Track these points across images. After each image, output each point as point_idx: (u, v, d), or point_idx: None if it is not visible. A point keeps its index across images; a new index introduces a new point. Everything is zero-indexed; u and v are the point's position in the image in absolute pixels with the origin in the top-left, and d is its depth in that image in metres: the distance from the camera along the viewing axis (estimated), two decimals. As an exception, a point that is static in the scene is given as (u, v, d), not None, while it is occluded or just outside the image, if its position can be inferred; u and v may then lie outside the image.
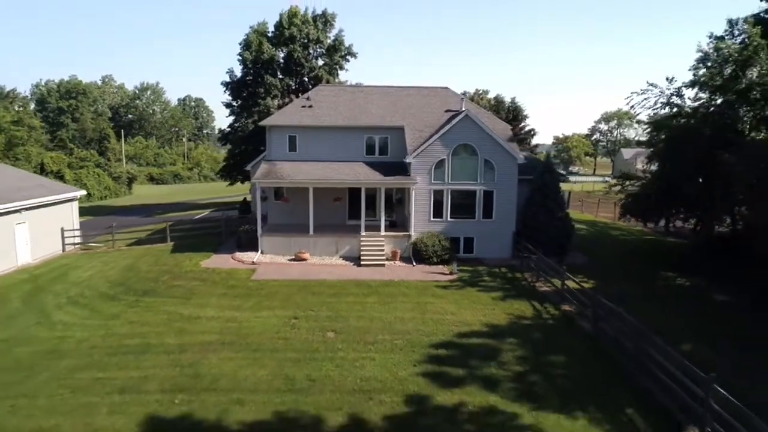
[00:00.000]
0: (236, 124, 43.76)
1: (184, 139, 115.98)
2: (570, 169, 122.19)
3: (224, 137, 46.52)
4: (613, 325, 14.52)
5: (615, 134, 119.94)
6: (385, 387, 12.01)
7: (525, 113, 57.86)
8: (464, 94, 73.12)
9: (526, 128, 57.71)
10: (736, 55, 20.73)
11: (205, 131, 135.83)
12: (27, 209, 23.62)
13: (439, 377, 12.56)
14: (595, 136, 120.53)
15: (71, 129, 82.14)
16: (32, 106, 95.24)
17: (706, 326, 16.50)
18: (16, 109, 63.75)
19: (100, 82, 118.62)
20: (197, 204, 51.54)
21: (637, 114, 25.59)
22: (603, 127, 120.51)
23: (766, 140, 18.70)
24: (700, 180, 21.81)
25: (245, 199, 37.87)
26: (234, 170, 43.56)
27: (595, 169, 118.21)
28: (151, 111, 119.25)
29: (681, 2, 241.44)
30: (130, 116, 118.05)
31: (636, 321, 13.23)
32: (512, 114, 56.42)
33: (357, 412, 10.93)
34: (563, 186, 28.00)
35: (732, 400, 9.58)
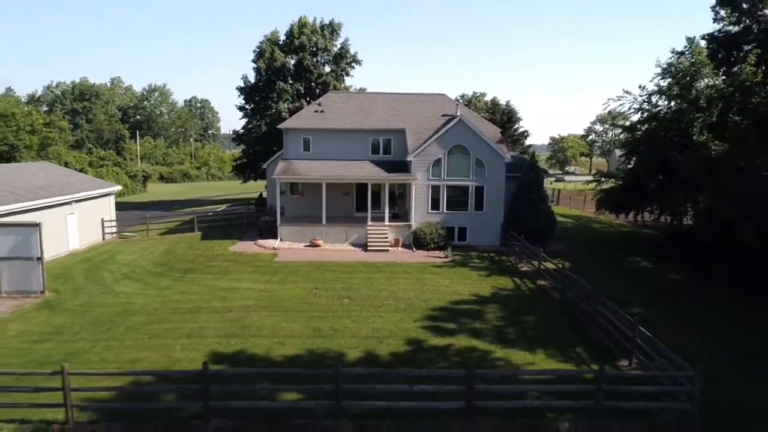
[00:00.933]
0: (249, 126, 47.13)
1: (191, 140, 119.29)
2: (566, 168, 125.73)
3: (238, 138, 49.95)
4: (576, 293, 17.94)
5: (610, 135, 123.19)
6: (392, 334, 15.41)
7: (519, 115, 61.24)
8: (462, 96, 76.80)
9: (520, 129, 61.03)
10: (687, 69, 24.19)
11: (210, 131, 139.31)
12: (76, 201, 27.01)
13: (434, 329, 15.95)
14: (590, 137, 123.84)
15: (85, 129, 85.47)
16: (44, 107, 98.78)
17: (655, 297, 19.94)
18: (42, 111, 66.97)
19: (108, 84, 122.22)
20: (211, 200, 54.98)
21: (614, 118, 28.56)
22: (598, 128, 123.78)
23: (705, 143, 22.06)
24: (660, 177, 25.23)
25: (261, 194, 41.26)
26: (247, 168, 47.01)
27: (590, 169, 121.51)
28: (158, 112, 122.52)
29: (681, 2, 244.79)
30: (138, 117, 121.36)
31: (593, 288, 16.64)
32: (507, 116, 59.79)
33: (370, 349, 14.33)
34: (559, 185, 31.48)
35: (652, 338, 12.93)
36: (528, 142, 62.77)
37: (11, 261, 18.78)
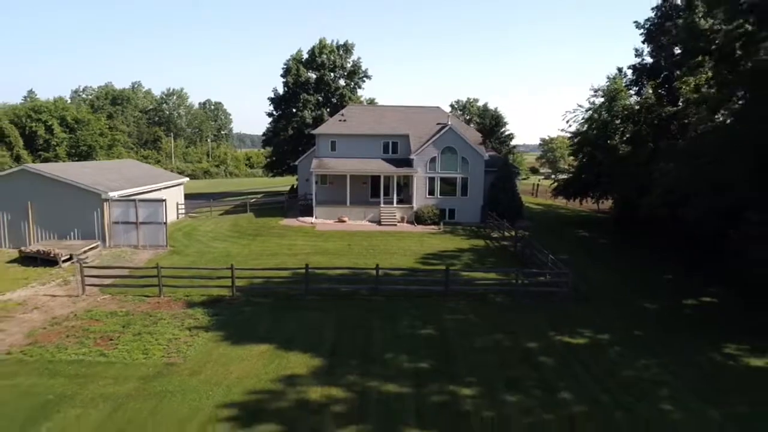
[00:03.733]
0: (278, 129, 56.36)
1: (208, 140, 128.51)
2: (558, 166, 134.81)
3: (267, 140, 59.24)
4: (524, 245, 27.24)
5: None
6: (401, 265, 24.66)
7: (505, 120, 70.21)
8: (458, 102, 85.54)
9: (506, 132, 70.19)
10: (610, 92, 33.54)
11: (223, 132, 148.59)
12: (164, 188, 36.26)
13: (426, 263, 25.20)
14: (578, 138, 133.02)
15: (125, 132, 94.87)
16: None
17: (579, 250, 29.29)
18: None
19: (130, 88, 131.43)
20: (242, 193, 64.22)
21: (569, 126, 37.44)
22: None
23: (615, 146, 31.31)
24: (594, 171, 34.56)
25: (293, 186, 50.58)
26: (276, 165, 56.30)
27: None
28: (176, 114, 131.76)
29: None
30: (158, 119, 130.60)
31: (534, 242, 25.90)
32: (495, 121, 68.71)
33: (387, 272, 23.59)
34: (546, 182, 40.73)
35: (557, 260, 22.12)
36: (523, 141, 71.80)
37: (147, 225, 28.06)
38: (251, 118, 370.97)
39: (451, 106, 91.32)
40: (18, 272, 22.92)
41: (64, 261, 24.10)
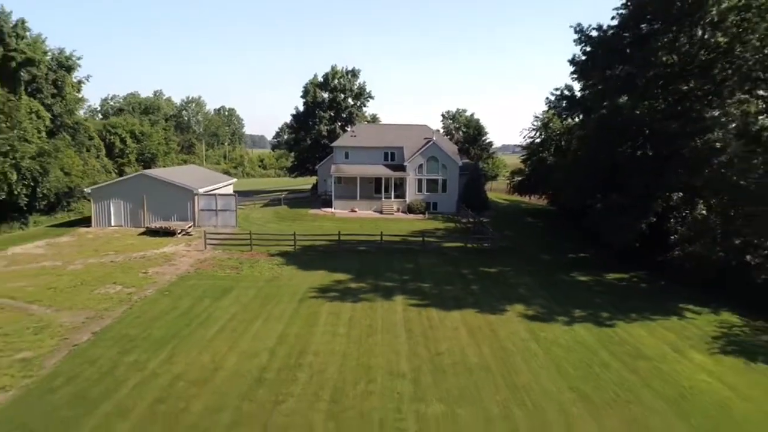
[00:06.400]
0: (298, 139, 69.47)
1: (225, 143, 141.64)
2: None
3: (289, 148, 72.35)
4: (478, 225, 40.32)
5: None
6: (397, 237, 37.74)
7: (486, 130, 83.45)
8: (448, 112, 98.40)
9: (487, 141, 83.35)
10: (545, 118, 46.72)
11: (236, 136, 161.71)
12: (223, 186, 49.31)
13: (414, 236, 38.25)
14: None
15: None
16: (99, 117, 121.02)
17: (524, 231, 42.42)
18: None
19: (152, 96, 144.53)
20: (269, 190, 77.14)
21: (524, 140, 50.15)
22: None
23: (545, 158, 44.39)
24: (539, 174, 47.64)
25: (314, 184, 63.74)
26: (297, 168, 69.46)
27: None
28: (195, 121, 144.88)
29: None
30: (177, 125, 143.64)
31: (485, 224, 38.96)
32: (477, 131, 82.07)
33: (389, 241, 36.63)
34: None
35: (492, 232, 35.19)
36: (492, 149, 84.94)
37: (223, 212, 41.09)
38: (252, 118, 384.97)
39: (442, 115, 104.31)
40: (152, 240, 36.01)
41: (178, 233, 37.23)
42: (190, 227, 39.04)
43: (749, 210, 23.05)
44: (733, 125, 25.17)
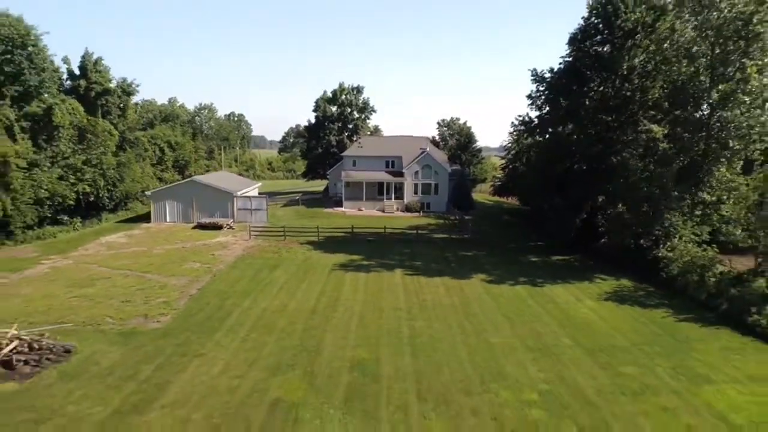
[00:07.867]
0: (311, 147, 79.21)
1: (236, 147, 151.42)
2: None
3: (303, 155, 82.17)
4: (463, 220, 50.15)
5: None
6: (397, 230, 47.57)
7: (476, 138, 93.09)
8: (443, 120, 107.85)
9: (477, 147, 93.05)
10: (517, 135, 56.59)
11: (245, 140, 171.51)
12: (252, 189, 59.06)
13: (410, 230, 48.05)
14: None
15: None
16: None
17: (500, 226, 52.34)
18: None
19: (167, 103, 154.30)
20: (284, 192, 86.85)
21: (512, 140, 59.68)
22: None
23: (517, 166, 54.16)
24: (515, 179, 57.44)
25: (325, 187, 73.67)
26: (310, 173, 79.38)
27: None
28: (207, 126, 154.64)
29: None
30: (191, 131, 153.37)
31: (468, 220, 48.82)
32: (467, 138, 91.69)
33: (390, 233, 46.44)
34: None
35: (472, 226, 45.02)
36: (481, 155, 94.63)
37: (256, 211, 50.88)
38: (252, 118, 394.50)
39: (438, 123, 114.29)
40: (204, 233, 45.78)
41: (224, 227, 47.07)
42: (231, 223, 48.85)
43: (645, 209, 32.91)
44: (641, 149, 34.90)
